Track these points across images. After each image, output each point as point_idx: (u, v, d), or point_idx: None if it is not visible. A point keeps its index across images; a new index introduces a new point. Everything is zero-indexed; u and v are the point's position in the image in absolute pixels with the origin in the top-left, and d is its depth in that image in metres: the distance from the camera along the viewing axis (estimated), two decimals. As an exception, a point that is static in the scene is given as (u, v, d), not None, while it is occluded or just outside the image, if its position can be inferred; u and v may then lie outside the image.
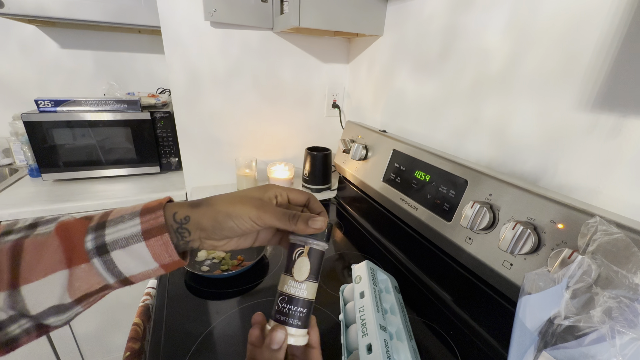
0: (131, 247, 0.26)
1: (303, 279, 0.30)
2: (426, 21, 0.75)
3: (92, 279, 0.26)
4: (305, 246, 0.31)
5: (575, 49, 0.47)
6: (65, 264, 0.25)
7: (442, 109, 0.74)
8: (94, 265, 0.26)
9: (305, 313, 0.30)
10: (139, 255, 0.27)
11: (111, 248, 0.26)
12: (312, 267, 0.31)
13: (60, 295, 0.26)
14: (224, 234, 0.29)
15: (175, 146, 1.19)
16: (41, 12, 1.00)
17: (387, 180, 0.75)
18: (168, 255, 0.28)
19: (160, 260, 0.28)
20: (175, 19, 0.86)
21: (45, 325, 0.27)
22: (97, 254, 0.26)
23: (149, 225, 0.27)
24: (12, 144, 1.24)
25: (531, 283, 0.35)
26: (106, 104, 1.07)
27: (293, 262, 0.31)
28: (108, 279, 0.27)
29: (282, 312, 0.30)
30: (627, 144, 0.42)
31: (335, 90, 1.14)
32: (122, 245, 0.26)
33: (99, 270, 0.26)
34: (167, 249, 0.27)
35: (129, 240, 0.26)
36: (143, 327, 0.60)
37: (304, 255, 0.31)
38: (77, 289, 0.26)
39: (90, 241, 0.26)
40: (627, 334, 0.27)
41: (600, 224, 0.33)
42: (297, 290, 0.30)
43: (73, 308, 0.27)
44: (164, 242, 0.27)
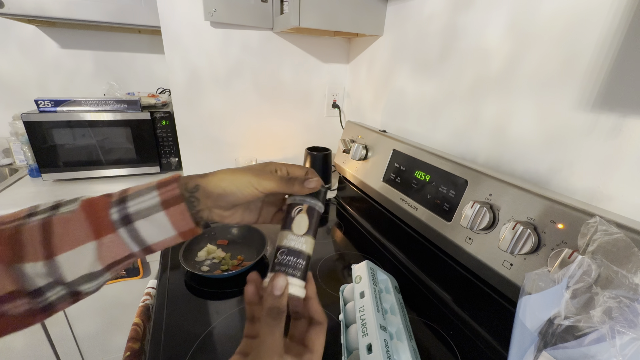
0: (153, 217, 0.29)
1: (302, 232, 0.32)
2: (426, 21, 0.75)
3: (119, 247, 0.29)
4: (304, 204, 0.33)
5: (575, 49, 0.47)
6: (94, 236, 0.28)
7: (442, 109, 0.74)
8: (120, 234, 0.28)
9: (304, 265, 0.31)
10: (160, 224, 0.29)
11: (135, 218, 0.29)
12: (311, 223, 0.32)
13: (92, 264, 0.28)
14: (229, 200, 0.31)
15: (175, 146, 1.19)
16: (41, 12, 1.00)
17: (387, 180, 0.75)
18: (185, 223, 0.30)
19: (178, 228, 0.30)
20: (175, 19, 0.86)
21: (78, 292, 0.29)
22: (122, 224, 0.28)
23: (166, 196, 0.29)
24: (12, 144, 1.24)
25: (531, 283, 0.35)
26: (106, 104, 1.07)
27: (292, 218, 0.32)
28: (132, 248, 0.29)
29: (281, 263, 0.31)
30: (627, 144, 0.42)
31: (335, 90, 1.14)
32: (145, 215, 0.29)
33: (124, 240, 0.29)
34: (184, 217, 0.30)
35: (150, 210, 0.29)
36: (143, 327, 0.60)
37: (303, 212, 0.32)
38: (106, 257, 0.28)
39: (116, 213, 0.28)
40: (627, 334, 0.27)
41: (600, 224, 0.33)
42: (297, 243, 0.31)
43: (103, 275, 0.29)
44: (181, 210, 0.30)
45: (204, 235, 0.76)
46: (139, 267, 1.06)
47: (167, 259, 0.70)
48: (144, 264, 1.08)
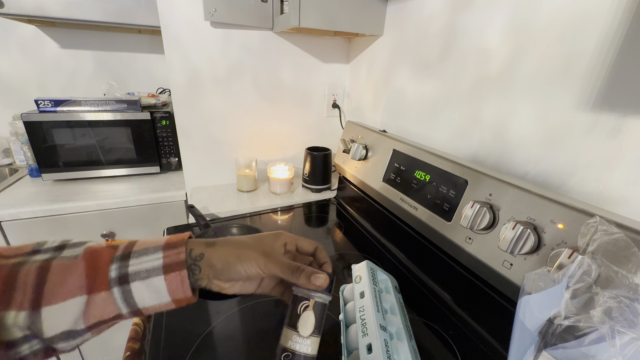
0: (150, 280, 0.28)
1: (308, 334, 0.30)
2: (426, 21, 0.75)
3: (108, 307, 0.27)
4: (311, 300, 0.31)
5: (575, 49, 0.47)
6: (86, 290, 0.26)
7: (442, 109, 0.74)
8: (113, 294, 0.27)
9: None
10: (156, 289, 0.28)
11: (132, 279, 0.27)
12: (317, 321, 0.30)
13: (75, 321, 0.26)
14: (231, 275, 0.30)
15: (175, 146, 1.19)
16: (41, 12, 1.00)
17: (387, 180, 0.75)
18: (182, 291, 0.29)
19: (173, 295, 0.29)
20: (175, 19, 0.86)
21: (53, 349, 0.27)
22: (118, 283, 0.27)
23: (170, 260, 0.28)
24: (12, 144, 1.24)
25: (531, 283, 0.35)
26: (106, 104, 1.07)
27: (298, 315, 0.30)
28: (122, 309, 0.28)
29: None
30: (627, 144, 0.42)
31: (335, 90, 1.14)
32: (143, 277, 0.28)
33: (116, 300, 0.27)
34: (182, 284, 0.29)
35: (150, 273, 0.28)
36: (143, 327, 0.60)
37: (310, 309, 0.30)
38: (92, 316, 0.27)
39: (115, 270, 0.27)
40: (627, 334, 0.27)
41: (600, 224, 0.33)
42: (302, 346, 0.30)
43: (83, 335, 0.28)
44: (182, 278, 0.28)
45: (204, 235, 0.76)
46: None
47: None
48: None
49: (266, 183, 1.10)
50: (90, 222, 0.99)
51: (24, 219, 0.91)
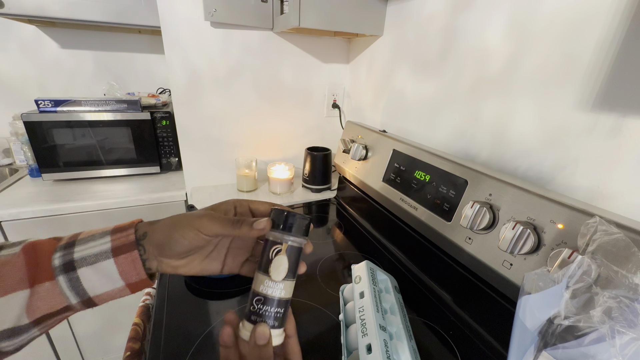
0: (99, 264, 0.26)
1: (280, 278, 0.28)
2: (426, 21, 0.75)
3: (55, 298, 0.26)
4: (283, 244, 0.29)
5: (575, 49, 0.47)
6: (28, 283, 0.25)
7: (442, 109, 0.74)
8: (59, 282, 0.26)
9: (282, 313, 0.29)
10: (106, 273, 0.27)
11: (79, 265, 0.26)
12: (290, 265, 0.29)
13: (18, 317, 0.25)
14: (174, 249, 0.28)
15: (175, 146, 1.19)
16: (41, 12, 1.00)
17: (387, 180, 0.75)
18: (136, 273, 0.27)
19: (127, 279, 0.27)
20: (175, 19, 0.86)
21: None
22: (63, 271, 0.26)
23: (119, 242, 0.27)
24: (12, 144, 1.24)
25: (531, 283, 0.35)
26: (106, 104, 1.07)
27: (270, 260, 0.29)
28: (71, 299, 0.26)
29: (258, 313, 0.28)
30: (627, 144, 0.42)
31: (335, 90, 1.14)
32: (91, 262, 0.26)
33: (62, 289, 0.26)
34: (135, 266, 0.27)
35: (98, 257, 0.26)
36: (143, 327, 0.60)
37: (282, 253, 0.29)
38: (37, 309, 0.25)
39: (58, 258, 0.26)
40: (627, 334, 0.27)
41: (600, 224, 0.33)
42: (274, 291, 0.28)
43: (29, 331, 0.26)
44: (133, 259, 0.27)
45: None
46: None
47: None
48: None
49: (266, 183, 1.10)
50: (90, 222, 0.99)
51: (24, 219, 0.91)
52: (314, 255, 0.74)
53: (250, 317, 0.29)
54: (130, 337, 0.57)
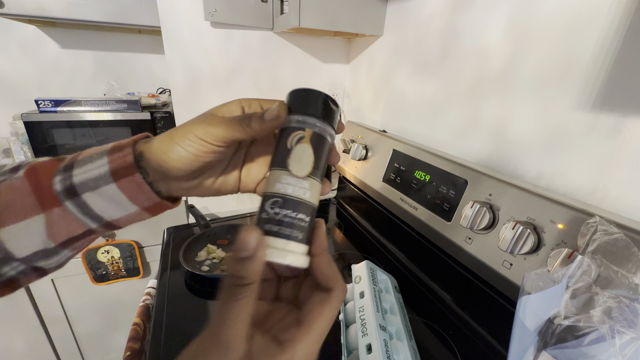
0: (101, 190, 0.23)
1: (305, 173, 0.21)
2: (426, 21, 0.75)
3: (71, 223, 0.24)
4: (307, 129, 0.21)
5: (575, 49, 0.47)
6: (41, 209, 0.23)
7: (442, 109, 0.74)
8: (68, 208, 0.23)
9: (308, 222, 0.21)
10: (114, 199, 0.24)
11: (81, 190, 0.23)
12: (317, 158, 0.21)
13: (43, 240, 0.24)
14: (178, 166, 0.23)
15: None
16: (41, 12, 1.00)
17: (387, 180, 0.75)
18: (146, 197, 0.24)
19: (139, 203, 0.24)
20: (175, 19, 0.86)
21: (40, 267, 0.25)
22: (67, 196, 0.23)
23: (117, 164, 0.23)
24: (12, 144, 1.24)
25: (531, 283, 0.35)
26: (106, 104, 1.07)
27: (288, 150, 0.21)
28: (89, 223, 0.24)
29: (274, 220, 0.20)
30: (627, 144, 0.42)
31: (335, 90, 1.14)
32: (92, 187, 0.23)
33: (74, 214, 0.23)
34: (141, 189, 0.24)
35: (98, 182, 0.23)
36: (143, 327, 0.60)
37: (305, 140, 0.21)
38: (58, 233, 0.24)
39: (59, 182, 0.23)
40: (627, 334, 0.27)
41: (600, 224, 0.34)
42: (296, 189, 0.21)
43: (61, 252, 0.25)
44: (137, 182, 0.23)
45: (204, 235, 0.76)
46: (139, 267, 1.06)
47: (167, 259, 0.70)
48: (144, 264, 1.08)
49: (266, 183, 1.10)
50: (90, 222, 0.98)
51: (24, 219, 0.91)
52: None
53: (265, 227, 0.21)
54: (130, 337, 0.57)
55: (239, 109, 0.26)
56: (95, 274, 1.02)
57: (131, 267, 1.06)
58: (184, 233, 0.81)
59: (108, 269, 1.03)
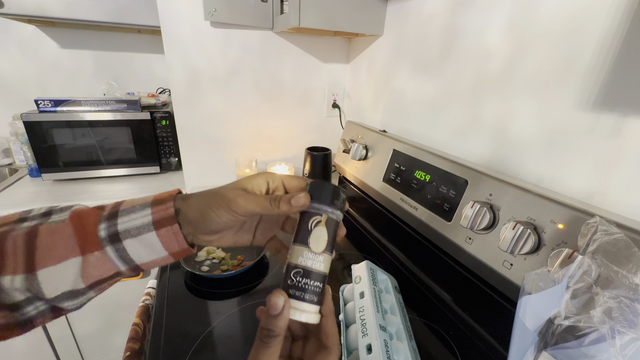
0: (142, 237, 0.27)
1: (321, 250, 0.27)
2: (426, 21, 0.75)
3: (105, 266, 0.27)
4: (323, 215, 0.28)
5: (575, 49, 0.47)
6: (79, 251, 0.26)
7: (442, 109, 0.74)
8: (107, 253, 0.27)
9: (321, 288, 0.27)
10: (150, 244, 0.28)
11: (123, 237, 0.27)
12: (330, 237, 0.28)
13: (74, 281, 0.26)
14: (209, 227, 0.28)
15: (175, 146, 1.19)
16: (41, 12, 1.00)
17: (387, 180, 0.75)
18: (178, 244, 0.28)
19: (169, 249, 0.28)
20: (175, 19, 0.86)
21: (60, 308, 0.28)
22: (110, 242, 0.27)
23: (159, 215, 0.28)
24: (12, 144, 1.24)
25: (531, 283, 0.35)
26: (106, 104, 1.07)
27: (309, 231, 0.28)
28: (120, 266, 0.28)
29: (297, 286, 0.27)
30: (627, 144, 0.42)
31: (335, 90, 1.14)
32: (134, 234, 0.27)
33: (111, 258, 0.27)
34: (176, 238, 0.28)
35: (141, 230, 0.27)
36: (143, 327, 0.60)
37: (322, 224, 0.28)
38: (90, 275, 0.27)
39: (104, 230, 0.27)
40: (627, 334, 0.27)
41: (600, 224, 0.33)
42: (314, 263, 0.27)
43: (86, 293, 0.28)
44: (174, 232, 0.28)
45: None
46: (139, 267, 1.06)
47: (167, 259, 0.70)
48: (144, 264, 1.08)
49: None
50: (90, 222, 0.98)
51: (23, 219, 0.91)
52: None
53: (289, 291, 0.27)
54: (130, 337, 0.57)
55: (265, 184, 0.31)
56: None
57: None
58: (183, 233, 0.81)
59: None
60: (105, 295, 0.89)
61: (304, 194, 0.28)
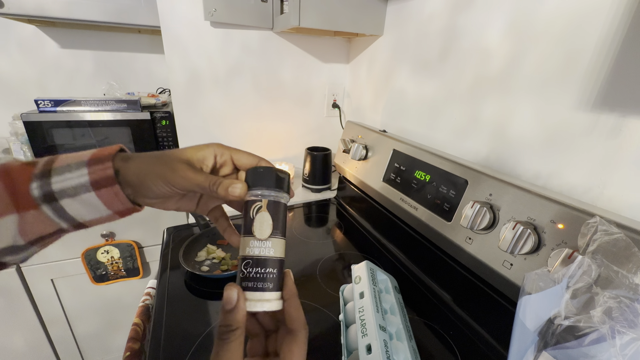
0: (81, 197, 0.26)
1: (266, 235, 0.27)
2: (426, 21, 0.75)
3: (44, 223, 0.26)
4: (263, 200, 0.27)
5: (575, 48, 0.47)
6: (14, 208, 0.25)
7: (442, 108, 0.74)
8: (44, 211, 0.26)
9: (276, 273, 0.27)
10: (91, 204, 0.26)
11: (59, 196, 0.26)
12: (275, 221, 0.27)
13: (13, 238, 0.26)
14: (146, 194, 0.28)
15: (175, 146, 1.19)
16: (41, 12, 1.00)
17: (387, 180, 0.75)
18: (121, 204, 0.27)
19: (113, 209, 0.27)
20: (175, 19, 0.86)
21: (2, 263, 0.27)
22: (44, 201, 0.25)
23: (97, 176, 0.26)
24: (12, 144, 1.24)
25: (531, 283, 0.35)
26: (106, 104, 1.07)
27: (252, 219, 0.27)
28: (61, 224, 0.27)
29: (248, 277, 0.26)
30: (627, 144, 0.42)
31: (335, 90, 1.14)
32: (71, 194, 0.26)
33: (50, 216, 0.26)
34: (119, 198, 0.27)
35: (78, 190, 0.26)
36: (143, 327, 0.60)
37: (263, 209, 0.27)
38: (30, 232, 0.26)
39: (37, 189, 0.25)
40: (627, 334, 0.27)
41: (600, 224, 0.33)
42: (262, 250, 0.26)
43: (29, 249, 0.27)
44: (115, 192, 0.26)
45: (204, 235, 0.76)
46: (139, 267, 1.06)
47: (167, 259, 0.70)
48: (144, 264, 1.08)
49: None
50: (90, 222, 0.98)
51: (23, 219, 0.91)
52: (314, 255, 0.74)
53: (242, 284, 0.26)
54: (130, 337, 0.57)
55: (212, 157, 0.30)
56: (95, 274, 1.02)
57: (131, 267, 1.06)
58: (183, 233, 0.81)
59: (108, 269, 1.03)
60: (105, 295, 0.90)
61: (241, 184, 0.28)
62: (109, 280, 1.04)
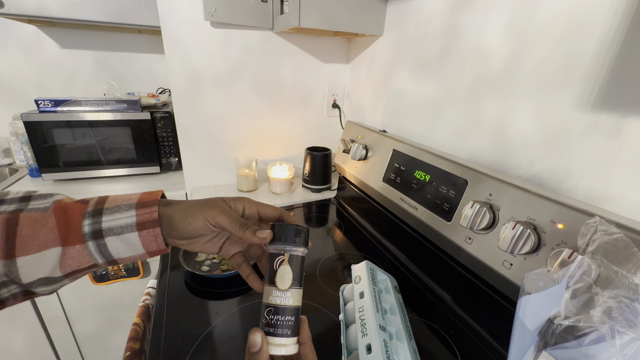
0: (125, 235, 0.29)
1: (287, 287, 0.30)
2: (426, 21, 0.75)
3: (84, 258, 0.29)
4: (285, 254, 0.31)
5: (575, 49, 0.47)
6: (60, 243, 0.28)
7: (442, 109, 0.74)
8: (88, 247, 0.29)
9: (293, 321, 0.30)
10: (130, 242, 0.30)
11: (106, 234, 0.29)
12: (295, 273, 0.31)
13: (52, 269, 0.28)
14: (179, 231, 0.31)
15: (175, 146, 1.19)
16: (41, 12, 1.00)
17: (387, 180, 0.75)
18: (156, 245, 0.31)
19: (148, 249, 0.31)
20: (175, 19, 0.86)
21: (32, 292, 0.29)
22: (92, 237, 0.29)
23: (143, 218, 0.30)
24: (12, 144, 1.24)
25: (531, 283, 0.35)
26: (106, 104, 1.07)
27: (275, 271, 0.31)
28: (98, 260, 0.30)
29: (270, 324, 0.30)
30: (627, 144, 0.42)
31: (335, 90, 1.14)
32: (117, 232, 0.29)
33: (91, 252, 0.29)
34: (156, 240, 0.31)
35: (124, 229, 0.29)
36: (143, 327, 0.60)
37: (285, 263, 0.31)
38: (68, 265, 0.29)
39: (87, 226, 0.29)
40: (627, 334, 0.27)
41: (600, 224, 0.33)
42: (283, 300, 0.30)
43: (61, 281, 0.30)
44: (155, 234, 0.30)
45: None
46: (139, 267, 1.06)
47: (167, 259, 0.70)
48: (144, 264, 1.08)
49: (266, 183, 1.10)
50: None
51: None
52: (314, 255, 0.74)
53: (264, 329, 0.30)
54: (130, 337, 0.57)
55: (242, 208, 0.34)
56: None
57: (131, 267, 1.06)
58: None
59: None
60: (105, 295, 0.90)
61: (268, 231, 0.31)
62: (109, 280, 1.04)
